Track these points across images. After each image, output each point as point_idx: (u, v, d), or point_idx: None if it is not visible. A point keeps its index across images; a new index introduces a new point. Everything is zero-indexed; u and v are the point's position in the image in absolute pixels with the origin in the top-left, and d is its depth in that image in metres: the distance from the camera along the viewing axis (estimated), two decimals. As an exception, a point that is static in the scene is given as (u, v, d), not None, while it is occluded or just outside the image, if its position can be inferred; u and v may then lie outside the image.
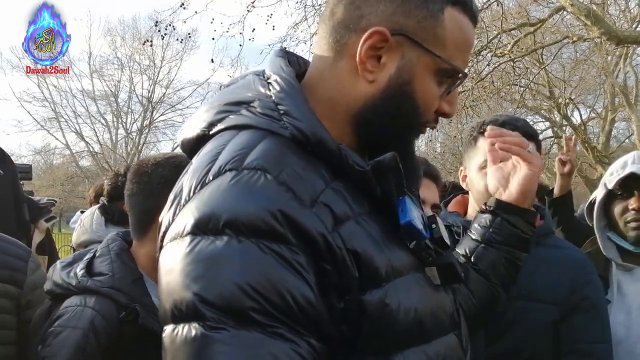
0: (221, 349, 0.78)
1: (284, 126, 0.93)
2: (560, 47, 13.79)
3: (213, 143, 0.96)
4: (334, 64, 0.99)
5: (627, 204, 1.87)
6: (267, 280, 0.80)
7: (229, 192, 0.85)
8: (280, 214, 0.83)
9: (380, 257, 0.90)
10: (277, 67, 1.00)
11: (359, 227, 0.90)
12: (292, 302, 0.81)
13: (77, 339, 1.46)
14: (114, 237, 1.71)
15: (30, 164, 5.68)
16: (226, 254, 0.81)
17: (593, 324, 1.70)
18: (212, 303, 0.79)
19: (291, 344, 0.80)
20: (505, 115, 1.84)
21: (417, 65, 0.97)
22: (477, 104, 13.09)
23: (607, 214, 1.96)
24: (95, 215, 2.90)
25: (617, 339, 1.77)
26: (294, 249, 0.82)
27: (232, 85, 1.06)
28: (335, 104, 0.99)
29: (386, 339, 0.89)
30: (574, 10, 8.48)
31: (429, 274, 1.00)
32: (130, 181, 1.67)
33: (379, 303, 0.88)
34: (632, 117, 15.40)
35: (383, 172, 0.94)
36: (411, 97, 0.97)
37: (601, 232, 1.95)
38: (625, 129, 21.03)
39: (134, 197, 1.65)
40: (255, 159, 0.88)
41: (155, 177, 1.63)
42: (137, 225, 1.66)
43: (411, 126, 1.01)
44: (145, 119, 30.20)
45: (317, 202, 0.87)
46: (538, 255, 1.76)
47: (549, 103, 17.44)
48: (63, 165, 31.01)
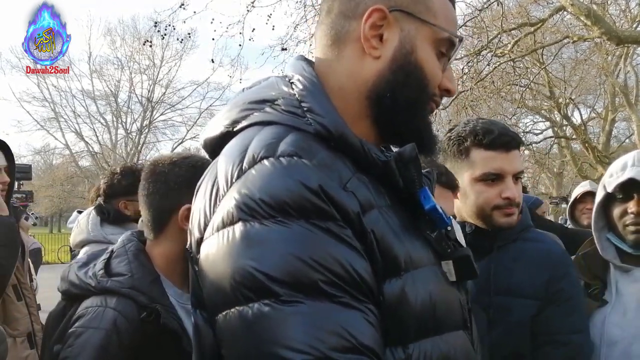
0: (299, 319, 0.81)
1: (307, 122, 0.97)
2: (560, 47, 13.82)
3: (239, 138, 0.99)
4: (339, 54, 1.04)
5: (626, 207, 1.86)
6: (327, 253, 0.84)
7: (270, 177, 0.88)
8: (322, 191, 0.87)
9: (400, 247, 0.93)
10: (299, 68, 1.05)
11: (381, 217, 0.94)
12: (353, 272, 0.85)
13: (100, 340, 1.47)
14: (129, 237, 1.71)
15: (30, 164, 5.70)
16: (281, 234, 0.85)
17: (569, 315, 1.72)
18: (281, 280, 0.82)
19: (359, 312, 0.84)
20: (488, 122, 1.83)
21: (417, 36, 1.03)
22: (477, 104, 13.10)
23: (606, 215, 1.95)
24: (91, 215, 2.88)
25: (613, 339, 1.78)
26: (341, 224, 0.87)
27: (254, 87, 1.10)
28: (347, 92, 1.03)
29: (402, 329, 0.92)
30: (574, 10, 8.48)
31: (445, 268, 1.03)
32: (145, 180, 1.67)
33: (399, 293, 0.91)
34: (633, 117, 15.41)
35: (405, 163, 0.98)
36: (417, 65, 1.02)
37: (599, 233, 1.94)
38: (626, 129, 21.07)
39: (150, 197, 1.65)
40: (288, 147, 0.91)
41: (172, 176, 1.63)
42: (153, 225, 1.65)
43: (422, 95, 1.05)
44: (145, 119, 30.21)
45: (346, 187, 0.91)
46: (517, 250, 1.78)
47: (549, 103, 17.46)
48: (63, 165, 31.04)
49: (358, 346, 0.82)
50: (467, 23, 11.06)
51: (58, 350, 1.52)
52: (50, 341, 1.62)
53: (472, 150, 1.77)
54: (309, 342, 0.80)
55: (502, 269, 1.75)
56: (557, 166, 20.84)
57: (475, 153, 1.77)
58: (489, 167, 1.75)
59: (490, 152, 1.75)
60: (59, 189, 28.95)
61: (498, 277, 1.74)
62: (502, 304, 1.71)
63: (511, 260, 1.77)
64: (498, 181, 1.75)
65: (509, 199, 1.74)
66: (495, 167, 1.75)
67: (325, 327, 0.81)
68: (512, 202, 1.75)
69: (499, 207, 1.75)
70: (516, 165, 1.78)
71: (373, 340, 0.85)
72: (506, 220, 1.76)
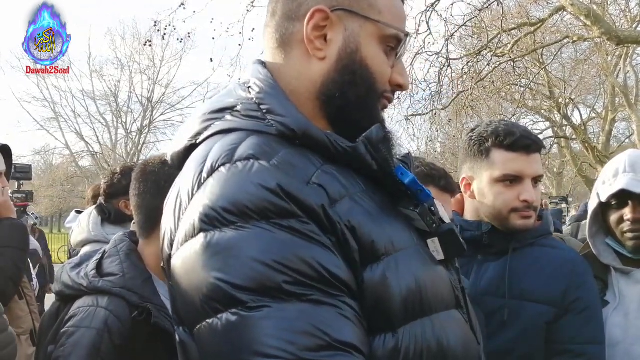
0: (267, 324, 0.80)
1: (269, 124, 0.96)
2: (560, 47, 13.82)
3: (200, 149, 0.99)
4: (286, 56, 1.04)
5: (622, 214, 1.86)
6: (290, 253, 0.83)
7: (227, 183, 0.88)
8: (281, 190, 0.86)
9: (379, 232, 0.92)
10: (255, 72, 1.04)
11: (355, 203, 0.93)
12: (320, 268, 0.84)
13: (92, 339, 1.47)
14: (122, 237, 1.71)
15: (29, 164, 5.71)
16: (242, 239, 0.84)
17: (586, 325, 1.70)
18: (245, 287, 0.81)
19: (331, 308, 0.83)
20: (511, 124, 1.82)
21: (361, 34, 1.02)
22: (477, 104, 13.10)
23: (601, 220, 1.95)
24: (92, 214, 2.87)
25: (614, 340, 1.77)
26: (303, 220, 0.86)
27: (215, 96, 1.10)
28: (298, 93, 1.02)
29: (389, 314, 0.90)
30: (574, 10, 8.48)
31: (432, 247, 1.01)
32: (137, 180, 1.68)
33: (380, 278, 0.90)
34: (633, 117, 15.41)
35: (374, 145, 0.98)
36: (363, 63, 1.02)
37: (593, 238, 1.94)
38: (626, 129, 21.07)
39: (142, 196, 1.66)
40: (246, 151, 0.91)
41: (163, 175, 1.63)
42: (145, 224, 1.66)
43: (370, 92, 1.04)
44: (145, 119, 30.20)
45: (311, 183, 0.90)
46: (533, 255, 1.77)
47: (549, 103, 17.46)
48: (63, 165, 31.03)
49: (333, 343, 0.81)
50: (467, 23, 11.06)
51: (52, 350, 1.53)
52: (45, 341, 1.62)
53: (492, 150, 1.76)
54: (279, 346, 0.79)
55: (518, 272, 1.73)
56: (557, 166, 20.84)
57: (496, 154, 1.75)
58: (509, 168, 1.74)
59: (510, 154, 1.74)
60: (59, 189, 28.94)
61: (513, 280, 1.72)
62: (516, 307, 1.69)
63: (527, 264, 1.75)
64: (517, 183, 1.74)
65: (527, 202, 1.73)
66: (515, 168, 1.73)
67: (295, 328, 0.80)
68: (530, 205, 1.73)
69: (517, 209, 1.74)
70: (536, 169, 1.76)
71: (350, 335, 0.83)
72: (523, 222, 1.75)
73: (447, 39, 10.52)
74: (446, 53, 10.69)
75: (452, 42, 11.46)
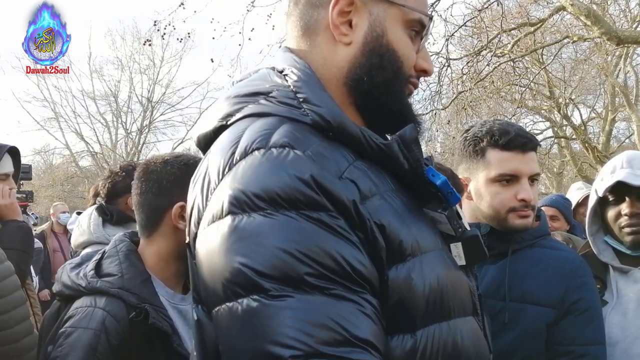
0: (288, 314, 0.80)
1: (304, 113, 0.96)
2: (560, 47, 13.80)
3: (231, 130, 0.98)
4: (311, 44, 1.04)
5: (620, 209, 1.86)
6: (316, 245, 0.83)
7: (261, 168, 0.87)
8: (314, 182, 0.85)
9: (406, 232, 0.92)
10: (291, 60, 1.03)
11: (385, 202, 0.93)
12: (344, 263, 0.83)
13: (89, 340, 1.48)
14: (121, 237, 1.72)
15: (29, 164, 5.71)
16: (270, 227, 0.83)
17: (587, 326, 1.70)
18: (268, 274, 0.81)
19: (352, 304, 0.83)
20: (505, 123, 1.82)
21: (386, 18, 1.03)
22: (477, 104, 13.09)
23: (600, 219, 1.96)
24: (93, 216, 2.82)
25: (613, 339, 1.78)
26: (333, 214, 0.85)
27: (245, 80, 1.08)
28: (326, 79, 1.02)
29: (410, 315, 0.90)
30: (574, 10, 8.47)
31: (455, 252, 1.02)
32: (138, 180, 1.68)
33: (405, 278, 0.90)
34: (633, 117, 15.39)
35: (407, 144, 0.97)
36: (389, 47, 1.02)
37: (593, 236, 1.95)
38: (626, 129, 21.03)
39: (143, 196, 1.66)
40: (281, 138, 0.90)
41: (164, 175, 1.64)
42: (146, 224, 1.66)
43: (398, 76, 1.04)
44: (145, 119, 30.16)
45: (343, 177, 0.89)
46: (533, 257, 1.76)
47: (549, 103, 17.43)
48: (63, 165, 30.95)
49: (351, 339, 0.81)
50: (467, 23, 11.05)
51: (50, 351, 1.53)
52: (45, 341, 1.63)
53: (488, 150, 1.76)
54: (297, 337, 0.79)
55: (518, 273, 1.73)
56: (557, 166, 20.83)
57: (491, 153, 1.76)
58: (505, 167, 1.74)
59: (506, 153, 1.74)
60: (59, 189, 28.86)
61: (513, 282, 1.72)
62: (517, 309, 1.69)
63: (527, 265, 1.75)
64: (513, 182, 1.74)
65: (525, 201, 1.73)
66: (510, 168, 1.73)
67: (315, 320, 0.80)
68: (527, 204, 1.73)
69: (515, 209, 1.74)
70: (532, 167, 1.76)
71: (369, 331, 0.83)
72: (521, 222, 1.74)
73: (447, 39, 10.50)
74: (446, 53, 10.68)
75: (452, 42, 11.45)
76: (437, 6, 9.97)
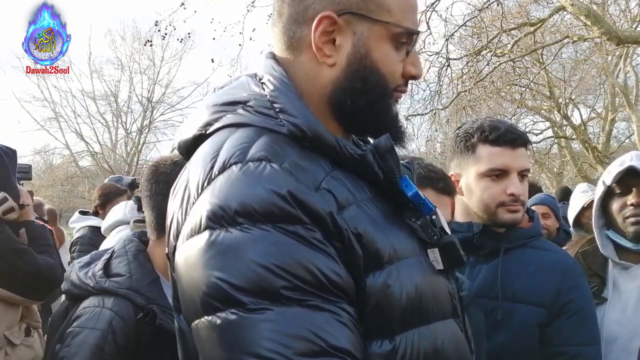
0: (265, 326, 0.81)
1: (280, 123, 0.96)
2: (560, 47, 13.80)
3: (211, 141, 0.99)
4: (295, 59, 1.03)
5: (626, 200, 1.88)
6: (291, 258, 0.84)
7: (238, 183, 0.88)
8: (290, 196, 0.86)
9: (383, 240, 0.93)
10: (269, 68, 1.03)
11: (361, 211, 0.94)
12: (319, 274, 0.84)
13: (95, 340, 1.49)
14: (131, 237, 1.73)
15: (29, 164, 5.71)
16: (247, 241, 0.84)
17: (581, 326, 1.71)
18: (245, 288, 0.82)
19: (329, 314, 0.84)
20: (496, 120, 1.84)
21: (370, 37, 1.01)
22: (476, 104, 13.10)
23: (605, 213, 1.96)
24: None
25: (612, 335, 1.79)
26: (309, 227, 0.86)
27: (225, 87, 1.09)
28: (309, 93, 1.02)
29: (388, 321, 0.91)
30: (574, 10, 8.47)
31: (432, 257, 1.02)
32: (148, 181, 1.69)
33: (381, 285, 0.91)
34: (633, 117, 15.38)
35: (381, 154, 0.98)
36: (373, 68, 1.01)
37: (599, 230, 1.96)
38: (626, 129, 21.03)
39: (153, 197, 1.67)
40: (258, 151, 0.91)
41: (174, 176, 1.63)
42: (156, 225, 1.67)
43: (382, 96, 1.04)
44: (145, 119, 30.17)
45: (320, 188, 0.90)
46: (525, 257, 1.78)
47: (549, 103, 17.44)
48: (63, 165, 30.95)
49: (328, 349, 0.81)
50: (467, 23, 11.06)
51: (58, 349, 1.54)
52: (53, 339, 1.63)
53: (478, 146, 1.78)
54: (275, 349, 0.80)
55: (510, 274, 1.75)
56: (557, 166, 20.84)
57: (482, 149, 1.78)
58: (495, 162, 1.76)
59: (496, 148, 1.76)
60: (59, 189, 28.87)
61: (505, 282, 1.74)
62: (509, 309, 1.71)
63: (519, 266, 1.76)
64: (503, 177, 1.76)
65: (514, 195, 1.75)
66: (500, 162, 1.76)
67: (292, 332, 0.81)
68: (517, 199, 1.75)
69: (504, 203, 1.76)
70: (522, 163, 1.78)
71: (347, 341, 0.84)
72: (511, 216, 1.76)
73: (447, 39, 10.51)
74: (446, 53, 10.69)
75: (452, 42, 11.47)
76: (437, 6, 9.98)
